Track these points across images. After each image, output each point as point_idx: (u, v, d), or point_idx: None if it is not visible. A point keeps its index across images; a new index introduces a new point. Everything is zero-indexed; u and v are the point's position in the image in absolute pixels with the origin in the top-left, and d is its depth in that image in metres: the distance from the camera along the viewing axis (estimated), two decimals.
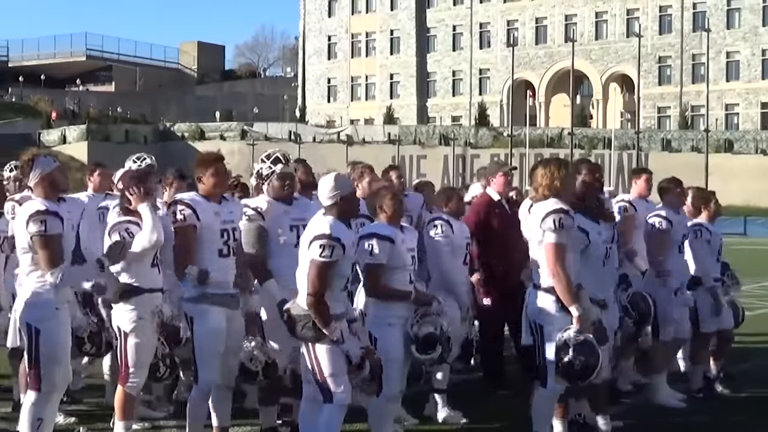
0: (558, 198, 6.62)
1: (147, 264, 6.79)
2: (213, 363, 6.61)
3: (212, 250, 6.60)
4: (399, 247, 6.76)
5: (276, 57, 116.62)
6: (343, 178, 6.45)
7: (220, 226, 6.62)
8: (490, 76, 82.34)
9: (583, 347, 6.41)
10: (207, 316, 6.57)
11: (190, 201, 6.61)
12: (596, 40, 77.69)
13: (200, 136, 75.95)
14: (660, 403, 8.82)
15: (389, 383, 6.71)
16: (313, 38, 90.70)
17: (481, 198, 9.61)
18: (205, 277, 6.48)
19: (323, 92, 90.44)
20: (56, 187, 6.32)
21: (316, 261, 6.06)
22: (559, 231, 6.48)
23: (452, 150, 69.54)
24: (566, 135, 64.70)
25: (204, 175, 6.68)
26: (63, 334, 6.29)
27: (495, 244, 8.96)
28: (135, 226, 6.75)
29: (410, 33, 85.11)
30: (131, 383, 6.81)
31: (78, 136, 73.49)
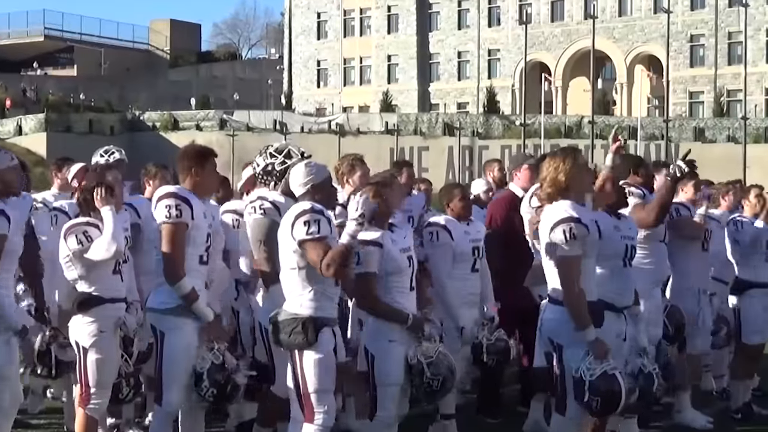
0: (565, 196, 6.49)
1: (108, 271, 6.79)
2: (182, 382, 6.55)
3: (194, 256, 6.60)
4: (390, 249, 6.71)
5: (259, 37, 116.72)
6: (316, 165, 6.52)
7: (206, 228, 6.63)
8: (501, 57, 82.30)
9: (601, 381, 6.33)
10: (181, 331, 6.52)
11: (185, 196, 6.55)
12: (620, 16, 77.66)
13: (173, 126, 75.84)
14: (686, 423, 8.85)
15: (385, 407, 6.69)
16: (301, 15, 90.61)
17: (503, 195, 9.57)
18: (194, 299, 6.47)
19: (312, 76, 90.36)
20: (8, 187, 6.32)
21: (308, 242, 6.12)
22: (571, 243, 6.34)
23: (458, 141, 69.46)
24: (586, 123, 64.69)
25: (200, 169, 6.67)
26: (8, 348, 6.23)
27: (518, 248, 8.64)
28: (94, 229, 6.76)
29: (410, 9, 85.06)
30: (93, 404, 6.81)
31: (35, 126, 73.30)
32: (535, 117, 67.10)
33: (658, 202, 7.79)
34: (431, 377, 6.68)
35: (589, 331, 6.35)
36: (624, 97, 77.10)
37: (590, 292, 6.49)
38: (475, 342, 7.98)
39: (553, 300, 6.60)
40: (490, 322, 8.08)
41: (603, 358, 6.35)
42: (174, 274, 6.48)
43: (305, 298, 6.28)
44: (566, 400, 6.55)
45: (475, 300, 8.16)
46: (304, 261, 6.25)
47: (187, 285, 6.45)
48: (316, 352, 6.21)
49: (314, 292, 6.27)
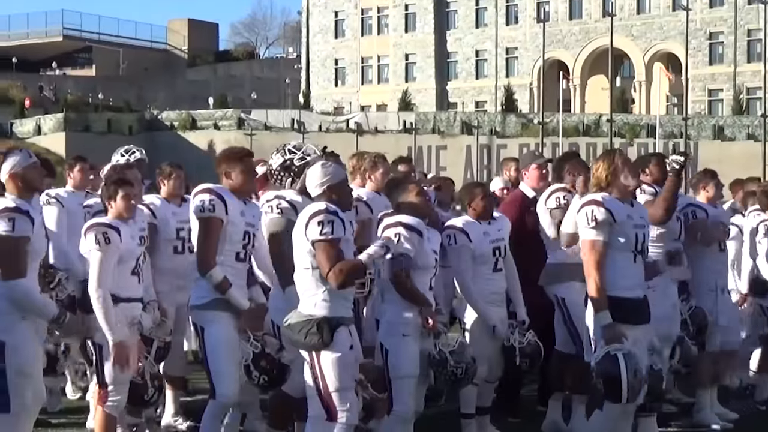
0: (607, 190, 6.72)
1: (126, 272, 6.83)
2: (231, 374, 6.64)
3: (231, 252, 6.69)
4: (425, 244, 6.81)
5: (276, 36, 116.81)
6: (333, 166, 6.55)
7: (244, 227, 6.71)
8: (518, 56, 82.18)
9: (604, 363, 6.45)
10: (219, 324, 6.61)
11: (222, 193, 6.67)
12: (638, 14, 77.43)
13: (192, 125, 75.98)
14: (706, 423, 8.83)
15: (402, 401, 6.74)
16: (318, 14, 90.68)
17: (513, 195, 9.55)
18: (226, 287, 6.53)
19: (330, 75, 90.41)
20: (29, 186, 6.36)
21: (320, 242, 6.17)
22: (595, 226, 6.57)
23: (476, 139, 69.39)
24: (605, 122, 64.48)
25: (234, 171, 6.77)
26: (31, 346, 6.29)
27: (531, 248, 8.64)
28: (114, 233, 6.79)
29: (427, 8, 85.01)
30: (111, 402, 6.85)
31: (54, 126, 73.55)
32: (554, 115, 66.98)
33: (663, 196, 7.82)
34: (455, 365, 6.86)
35: (603, 315, 6.50)
36: (642, 95, 76.88)
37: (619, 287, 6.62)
38: (506, 345, 7.96)
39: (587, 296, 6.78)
40: (520, 324, 8.06)
41: (612, 342, 6.47)
42: (205, 264, 6.59)
43: (319, 298, 6.30)
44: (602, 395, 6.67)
45: (499, 299, 8.11)
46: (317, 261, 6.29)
47: (218, 274, 6.55)
48: (333, 351, 6.25)
49: (328, 292, 6.28)
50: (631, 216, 6.79)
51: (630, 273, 6.74)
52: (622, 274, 6.69)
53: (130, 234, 6.97)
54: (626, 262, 6.75)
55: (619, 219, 6.68)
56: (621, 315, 6.62)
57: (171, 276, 8.10)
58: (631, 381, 6.46)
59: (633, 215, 6.81)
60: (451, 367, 6.89)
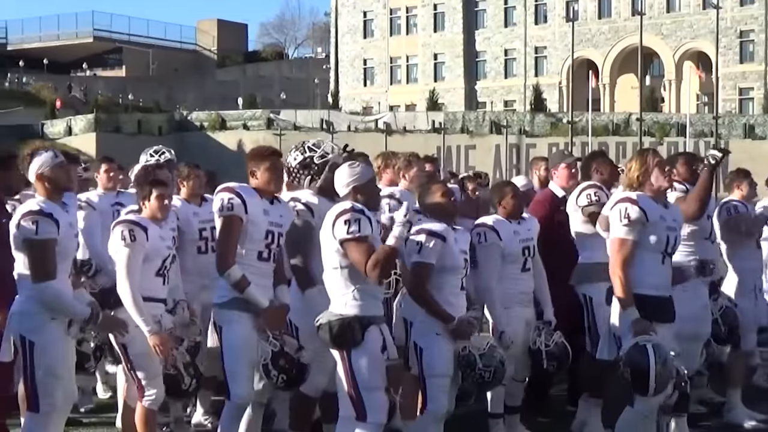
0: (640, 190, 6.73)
1: (151, 271, 6.85)
2: (246, 375, 6.61)
3: (252, 251, 6.63)
4: (452, 246, 6.80)
5: (305, 36, 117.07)
6: (361, 165, 6.53)
7: (266, 226, 6.64)
8: (547, 55, 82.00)
9: (632, 353, 6.45)
10: (237, 324, 6.57)
11: (241, 191, 6.62)
12: (668, 12, 77.11)
13: (221, 125, 76.18)
14: (737, 422, 8.78)
15: (436, 400, 6.75)
16: (347, 14, 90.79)
17: (543, 194, 9.51)
18: (245, 285, 6.50)
19: (359, 75, 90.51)
20: (56, 186, 6.38)
21: (349, 241, 6.16)
22: (627, 224, 6.58)
23: (505, 139, 69.25)
24: (634, 121, 64.19)
25: (258, 169, 6.70)
26: (62, 347, 6.34)
27: (560, 247, 8.58)
28: (141, 231, 6.82)
29: (456, 7, 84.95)
30: (148, 397, 6.89)
31: (85, 126, 73.94)
32: (583, 114, 66.75)
33: (697, 191, 7.76)
34: (483, 368, 6.82)
35: (631, 311, 6.52)
36: (672, 94, 76.55)
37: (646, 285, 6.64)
38: (532, 348, 7.94)
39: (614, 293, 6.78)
40: (546, 326, 8.03)
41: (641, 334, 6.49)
42: (223, 263, 6.55)
43: (349, 298, 6.30)
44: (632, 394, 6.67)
45: (527, 299, 8.08)
46: (346, 260, 6.27)
47: (236, 273, 6.49)
48: (364, 350, 6.25)
49: (358, 291, 6.29)
50: (664, 217, 6.78)
51: (657, 272, 6.74)
52: (650, 273, 6.69)
53: (159, 234, 6.98)
54: (655, 263, 6.73)
55: (652, 219, 6.67)
56: (646, 313, 6.62)
57: (196, 276, 8.14)
58: (660, 371, 6.44)
59: (666, 217, 6.80)
60: (479, 370, 6.86)
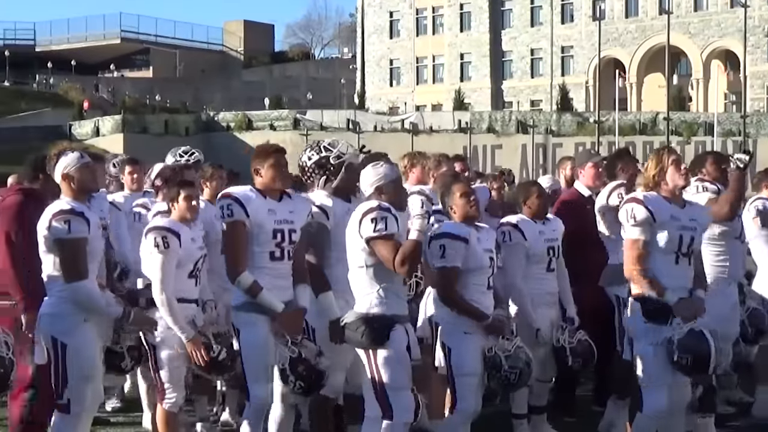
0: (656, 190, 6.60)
1: (184, 274, 6.82)
2: (264, 376, 6.57)
3: (263, 253, 6.55)
4: (475, 247, 6.78)
5: (331, 36, 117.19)
6: (387, 165, 6.53)
7: (273, 225, 6.55)
8: (574, 54, 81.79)
9: (689, 338, 6.35)
10: (254, 326, 6.52)
11: (237, 195, 6.54)
12: (695, 11, 76.79)
13: (248, 126, 76.41)
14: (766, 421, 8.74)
15: (465, 399, 6.73)
16: (373, 14, 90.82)
17: (568, 194, 9.46)
18: (257, 291, 6.45)
19: (385, 75, 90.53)
20: (81, 186, 6.40)
21: (376, 239, 6.16)
22: (637, 224, 6.47)
23: (531, 138, 69.15)
24: (661, 120, 64.01)
25: (262, 167, 6.60)
26: (93, 348, 6.39)
27: (588, 247, 8.51)
28: (174, 238, 6.77)
29: (482, 7, 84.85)
30: (169, 400, 6.90)
31: (112, 127, 74.34)
32: (610, 114, 66.55)
33: (729, 194, 7.67)
34: (509, 370, 6.79)
35: (668, 296, 6.40)
36: (700, 93, 76.21)
37: None
38: (556, 345, 7.92)
39: (629, 293, 6.69)
40: (569, 324, 8.00)
41: (691, 318, 6.39)
42: (232, 271, 6.49)
43: (374, 297, 6.30)
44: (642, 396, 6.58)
45: (552, 300, 8.05)
46: (372, 259, 6.27)
47: (247, 279, 6.42)
48: (389, 349, 6.25)
49: (383, 290, 6.29)
50: (677, 217, 6.58)
51: (670, 274, 6.56)
52: (662, 274, 6.53)
53: (191, 236, 6.92)
54: (667, 264, 6.57)
55: (660, 219, 6.51)
56: (660, 316, 6.51)
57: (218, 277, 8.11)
58: (717, 356, 6.42)
59: (680, 216, 6.60)
60: (505, 371, 6.82)
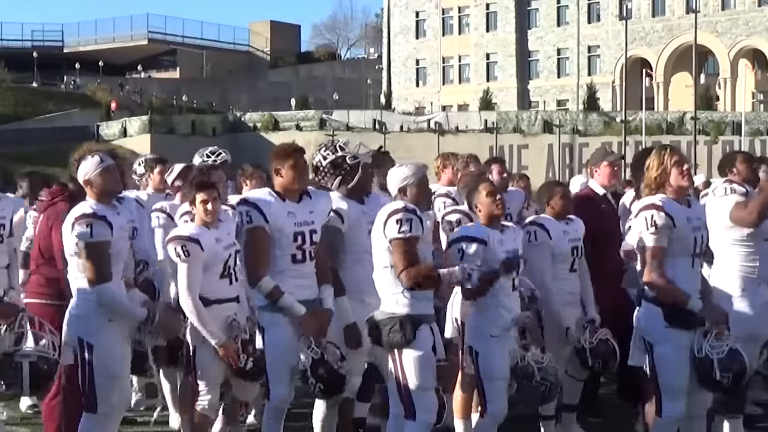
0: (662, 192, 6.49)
1: (215, 276, 6.80)
2: (285, 377, 6.62)
3: (285, 256, 6.58)
4: (495, 248, 6.73)
5: (357, 36, 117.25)
6: (414, 165, 6.51)
7: (293, 228, 6.57)
8: (600, 53, 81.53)
9: (729, 358, 6.33)
10: (277, 326, 6.57)
11: (255, 200, 6.58)
12: (723, 10, 76.40)
13: (274, 126, 76.52)
14: None
15: (495, 401, 6.72)
16: (399, 14, 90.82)
17: (581, 193, 9.38)
18: (278, 296, 6.48)
19: (411, 75, 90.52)
20: (103, 190, 6.41)
21: (397, 240, 6.15)
22: (657, 231, 6.35)
23: (557, 138, 69.00)
24: (688, 119, 63.75)
25: (282, 167, 6.61)
26: (119, 348, 6.42)
27: (600, 247, 8.43)
28: (195, 246, 6.67)
29: (509, 7, 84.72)
30: (202, 401, 6.91)
31: (140, 128, 74.60)
32: (636, 113, 66.33)
33: (759, 201, 7.54)
34: (540, 382, 6.76)
35: (692, 303, 6.36)
36: (727, 92, 75.83)
37: None
38: (577, 347, 7.90)
39: (645, 296, 6.58)
40: (590, 324, 7.97)
41: (721, 323, 6.39)
42: (252, 277, 6.55)
43: (400, 297, 6.29)
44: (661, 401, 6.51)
45: (575, 300, 8.04)
46: None
47: (268, 284, 6.47)
48: (416, 349, 6.25)
49: (409, 290, 6.26)
50: (690, 218, 6.53)
51: (687, 278, 6.51)
52: (680, 280, 6.47)
53: (215, 237, 6.79)
54: (684, 267, 6.51)
55: (679, 223, 6.44)
56: (679, 320, 6.45)
57: None
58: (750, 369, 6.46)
59: (691, 217, 6.54)
60: (537, 383, 6.80)
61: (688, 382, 6.45)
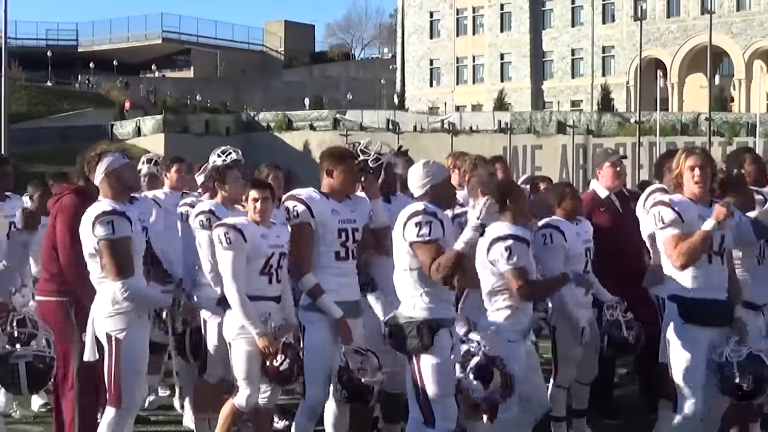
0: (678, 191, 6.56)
1: (255, 272, 6.83)
2: (321, 377, 6.65)
3: (329, 253, 6.69)
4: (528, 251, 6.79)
5: (371, 36, 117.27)
6: (435, 165, 6.45)
7: (337, 225, 6.69)
8: (615, 54, 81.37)
9: (749, 362, 6.34)
10: (318, 326, 6.65)
11: (304, 197, 6.70)
12: (738, 11, 76.19)
13: (288, 126, 76.62)
14: None
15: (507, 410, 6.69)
16: (413, 14, 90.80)
17: (585, 196, 9.34)
18: (317, 294, 6.56)
19: (425, 75, 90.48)
20: (124, 185, 6.49)
21: (419, 244, 6.08)
22: (666, 225, 6.45)
23: (571, 139, 68.83)
24: (703, 121, 63.51)
25: (335, 170, 6.77)
26: (144, 345, 6.53)
27: (604, 249, 8.37)
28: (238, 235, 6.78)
29: (523, 7, 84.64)
30: (241, 396, 6.94)
31: (154, 127, 74.74)
32: (651, 114, 66.16)
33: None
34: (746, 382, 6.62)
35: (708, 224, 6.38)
36: (742, 93, 75.61)
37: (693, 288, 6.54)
38: (610, 320, 7.92)
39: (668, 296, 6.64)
40: (618, 303, 7.99)
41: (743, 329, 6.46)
42: (296, 271, 6.68)
43: (419, 300, 6.21)
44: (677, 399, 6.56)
45: (587, 301, 8.01)
46: (416, 262, 6.18)
47: (310, 281, 6.58)
48: (434, 356, 6.16)
49: (427, 293, 6.18)
50: (704, 216, 6.48)
51: (705, 273, 6.50)
52: (697, 274, 6.49)
53: (261, 233, 6.87)
54: (701, 264, 6.50)
55: (688, 220, 6.45)
56: (695, 316, 6.48)
57: None
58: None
59: (707, 216, 6.47)
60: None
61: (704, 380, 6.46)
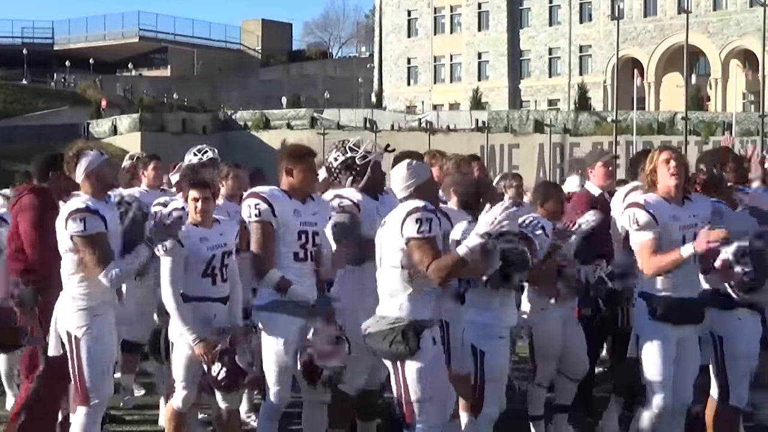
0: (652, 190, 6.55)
1: (196, 274, 6.78)
2: (283, 377, 6.63)
3: (288, 253, 6.64)
4: None
5: (349, 35, 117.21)
6: (417, 164, 6.35)
7: (298, 226, 6.64)
8: (592, 53, 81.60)
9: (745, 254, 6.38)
10: (276, 326, 6.60)
11: (266, 195, 6.64)
12: (714, 10, 76.50)
13: (265, 124, 76.58)
14: None
15: (491, 404, 6.69)
16: (391, 13, 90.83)
17: (579, 195, 9.40)
18: (285, 286, 6.51)
19: (402, 74, 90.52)
20: (104, 183, 6.51)
21: (417, 240, 5.89)
22: (641, 228, 6.44)
23: (548, 138, 69.08)
24: (679, 120, 63.84)
25: (295, 168, 6.72)
26: (108, 342, 6.50)
27: (599, 247, 8.38)
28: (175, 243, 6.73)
29: (500, 6, 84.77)
30: (176, 398, 6.91)
31: (130, 126, 74.56)
32: (627, 113, 66.40)
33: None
34: None
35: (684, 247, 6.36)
36: (718, 93, 75.94)
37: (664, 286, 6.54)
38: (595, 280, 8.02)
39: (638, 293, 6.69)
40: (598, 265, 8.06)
41: None
42: (258, 270, 6.59)
43: (404, 300, 6.02)
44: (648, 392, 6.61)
45: None
46: (407, 260, 5.99)
47: (274, 275, 6.51)
48: (419, 361, 6.01)
49: (414, 292, 6.00)
50: (678, 216, 6.49)
51: (675, 273, 6.48)
52: (670, 273, 6.49)
53: (200, 237, 6.80)
54: None
55: (662, 221, 6.45)
56: (665, 313, 6.50)
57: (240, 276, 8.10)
58: None
59: (680, 216, 6.51)
60: None
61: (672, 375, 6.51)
